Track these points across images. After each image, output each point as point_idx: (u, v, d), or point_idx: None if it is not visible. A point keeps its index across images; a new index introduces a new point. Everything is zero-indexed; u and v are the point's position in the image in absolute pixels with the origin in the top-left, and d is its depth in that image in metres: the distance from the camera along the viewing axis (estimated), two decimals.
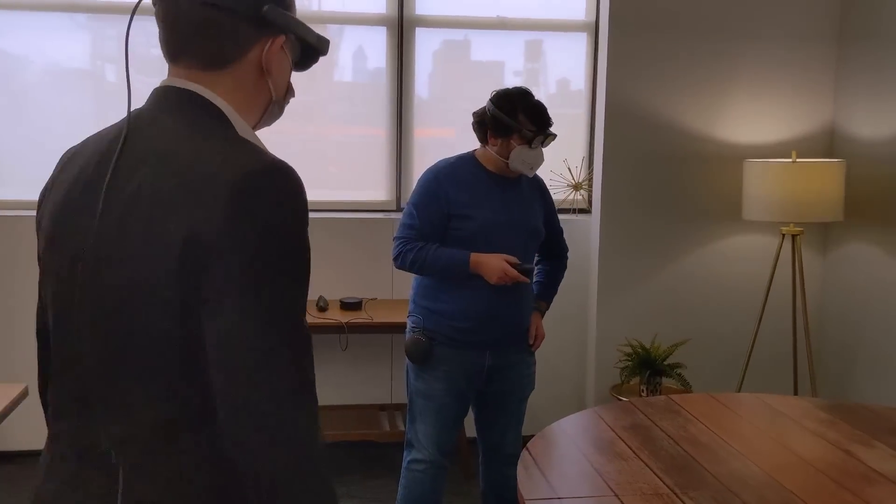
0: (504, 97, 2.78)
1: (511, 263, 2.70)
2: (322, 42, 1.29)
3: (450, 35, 4.32)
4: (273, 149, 1.19)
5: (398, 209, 4.22)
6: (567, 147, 4.18)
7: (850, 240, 3.97)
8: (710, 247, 4.10)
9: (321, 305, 3.91)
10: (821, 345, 4.15)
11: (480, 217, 2.76)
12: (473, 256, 2.71)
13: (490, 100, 2.80)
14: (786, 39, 4.01)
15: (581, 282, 4.13)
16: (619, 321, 4.07)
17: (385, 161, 4.27)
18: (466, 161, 2.85)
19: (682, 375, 3.86)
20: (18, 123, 4.04)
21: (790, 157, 3.73)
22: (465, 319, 2.78)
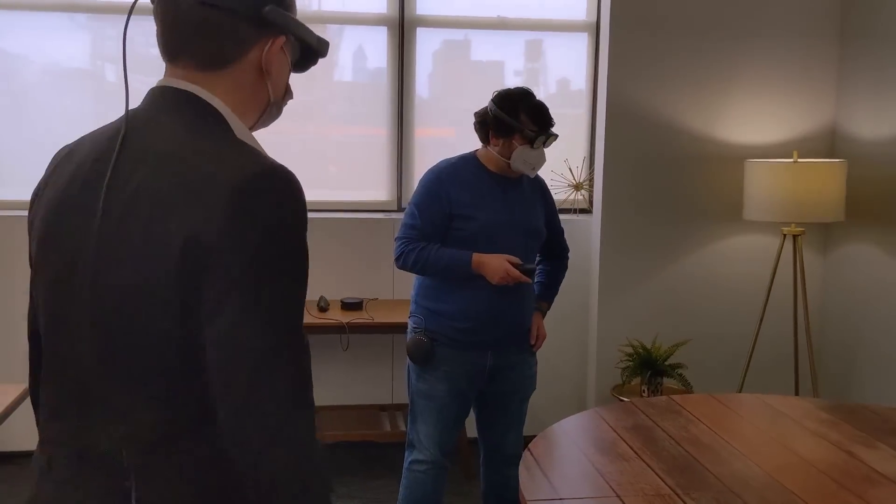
0: (506, 97, 2.78)
1: (513, 264, 2.70)
2: (322, 44, 1.28)
3: (450, 35, 4.32)
4: (273, 149, 1.19)
5: (399, 209, 4.21)
6: (568, 147, 4.18)
7: (852, 240, 3.97)
8: (711, 247, 4.10)
9: (322, 306, 3.91)
10: (822, 345, 4.15)
11: (482, 217, 2.76)
12: (475, 257, 2.71)
13: (492, 100, 2.79)
14: (787, 39, 4.00)
15: (582, 282, 4.13)
16: (620, 321, 4.06)
17: (386, 161, 4.26)
18: (468, 161, 2.85)
19: (683, 376, 3.85)
20: (19, 123, 4.03)
21: (791, 157, 3.73)
22: (467, 320, 2.77)
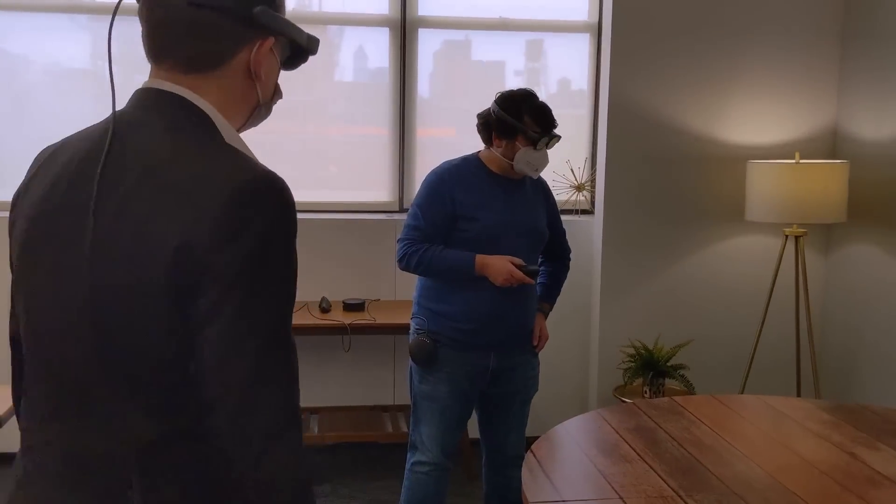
0: (509, 99, 2.78)
1: (516, 265, 2.70)
2: (312, 42, 1.26)
3: (451, 35, 4.32)
4: (274, 148, 1.18)
5: (401, 210, 4.22)
6: (570, 148, 4.18)
7: (853, 241, 3.97)
8: (713, 248, 4.10)
9: (324, 307, 3.91)
10: (824, 346, 4.15)
11: (485, 218, 2.76)
12: (479, 258, 2.71)
13: (495, 101, 2.79)
14: (789, 40, 4.00)
15: (584, 283, 4.13)
16: (622, 322, 4.06)
17: (388, 162, 4.26)
18: (471, 162, 2.85)
19: (685, 377, 3.85)
20: (20, 124, 4.04)
21: (793, 158, 3.73)
22: (469, 321, 2.77)
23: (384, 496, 3.67)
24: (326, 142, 4.31)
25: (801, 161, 3.67)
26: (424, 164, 4.08)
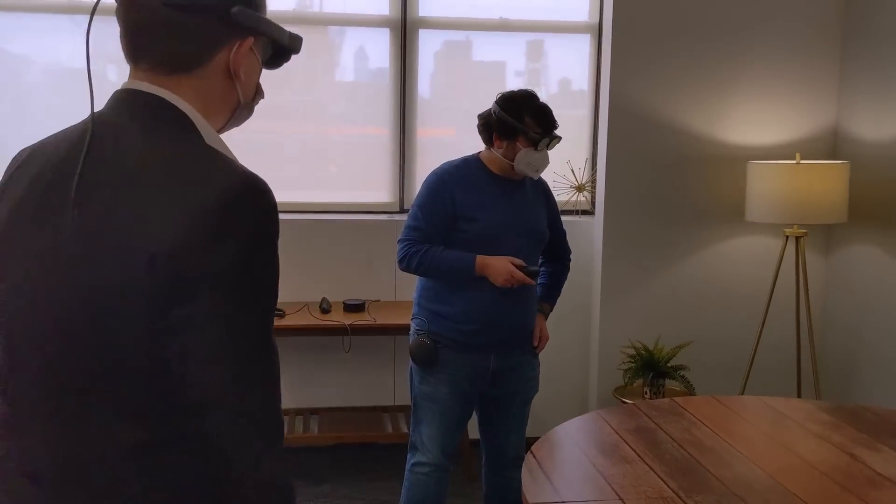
0: (510, 99, 2.78)
1: (517, 265, 2.70)
2: (294, 40, 1.25)
3: (452, 36, 4.32)
4: (274, 149, 1.17)
5: (401, 211, 4.21)
6: (570, 148, 4.18)
7: (854, 241, 3.97)
8: (713, 248, 4.10)
9: (324, 307, 3.91)
10: (824, 347, 4.15)
11: (485, 219, 2.76)
12: (479, 259, 2.71)
13: (496, 102, 2.79)
14: (789, 40, 4.00)
15: (584, 283, 4.13)
16: (622, 323, 4.06)
17: (388, 163, 4.26)
18: (471, 163, 2.85)
19: (686, 377, 3.85)
20: (21, 124, 4.04)
21: (794, 159, 3.73)
22: (470, 322, 2.77)
23: (384, 497, 3.67)
24: (326, 142, 4.31)
25: (802, 161, 3.67)
26: (425, 165, 4.08)
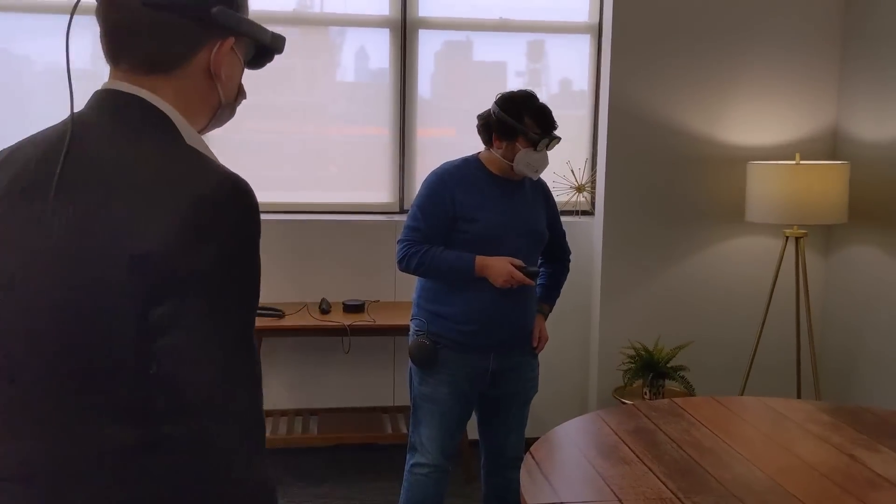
0: (509, 100, 2.77)
1: (516, 266, 2.70)
2: (277, 40, 1.24)
3: (452, 36, 4.32)
4: (274, 149, 1.17)
5: (401, 211, 4.21)
6: (570, 149, 4.18)
7: (854, 242, 3.97)
8: (713, 249, 4.09)
9: (324, 308, 3.91)
10: (824, 347, 4.15)
11: (485, 219, 2.76)
12: (479, 259, 2.70)
13: (495, 102, 2.79)
14: (789, 41, 4.00)
15: (584, 284, 4.13)
16: (622, 323, 4.06)
17: (388, 163, 4.26)
18: (470, 163, 2.84)
19: (686, 378, 3.85)
20: (22, 124, 4.02)
21: (793, 159, 3.72)
22: (469, 322, 2.77)
23: (383, 498, 3.67)
24: (326, 142, 4.31)
25: (802, 162, 3.67)
26: (425, 165, 4.08)
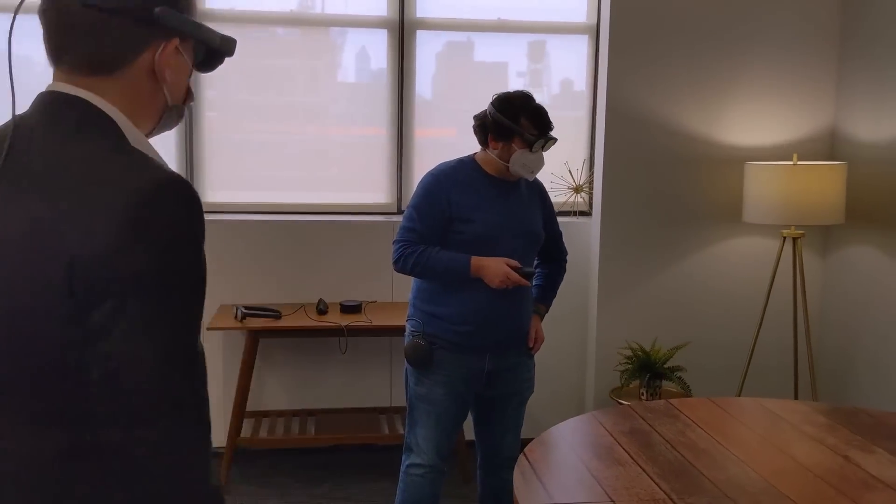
0: (505, 101, 2.77)
1: (512, 267, 2.70)
2: (226, 43, 1.22)
3: (453, 36, 4.32)
4: (273, 149, 1.16)
5: (399, 212, 4.21)
6: (568, 149, 4.18)
7: (851, 242, 3.96)
8: (711, 249, 4.09)
9: (321, 308, 3.91)
10: (821, 348, 4.14)
11: (481, 220, 2.76)
12: (474, 260, 2.70)
13: (491, 103, 2.79)
14: (786, 42, 4.00)
15: (581, 284, 4.13)
16: (620, 324, 4.06)
17: (386, 164, 4.26)
18: (466, 164, 2.84)
19: (683, 379, 3.85)
20: None
21: (791, 160, 3.73)
22: (465, 323, 2.77)
23: (381, 498, 3.67)
24: (325, 143, 4.31)
25: (799, 162, 3.67)
26: (423, 166, 4.07)
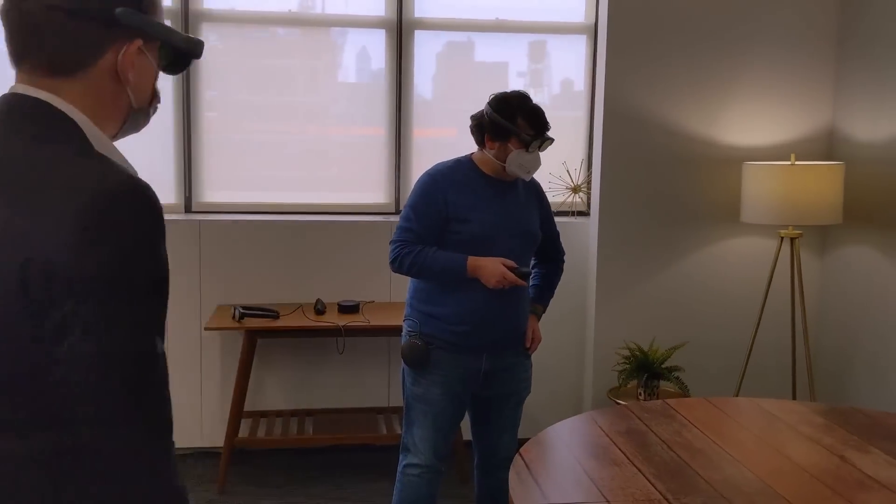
0: (502, 101, 2.77)
1: (508, 267, 2.69)
2: (192, 44, 1.21)
3: (453, 36, 4.32)
4: (273, 149, 1.15)
5: (397, 212, 4.21)
6: (566, 149, 4.18)
7: (849, 242, 3.96)
8: (709, 249, 4.09)
9: (319, 308, 3.91)
10: (819, 348, 4.14)
11: (478, 220, 2.75)
12: (471, 260, 2.70)
13: (488, 103, 2.79)
14: (785, 42, 4.00)
15: (579, 284, 4.13)
16: (618, 324, 4.06)
17: (384, 164, 4.26)
18: (463, 164, 2.84)
19: (680, 379, 3.85)
20: None
21: (789, 160, 3.72)
22: (462, 323, 2.77)
23: (378, 498, 3.67)
24: (324, 143, 4.31)
25: (797, 163, 3.66)
26: (421, 166, 4.05)
